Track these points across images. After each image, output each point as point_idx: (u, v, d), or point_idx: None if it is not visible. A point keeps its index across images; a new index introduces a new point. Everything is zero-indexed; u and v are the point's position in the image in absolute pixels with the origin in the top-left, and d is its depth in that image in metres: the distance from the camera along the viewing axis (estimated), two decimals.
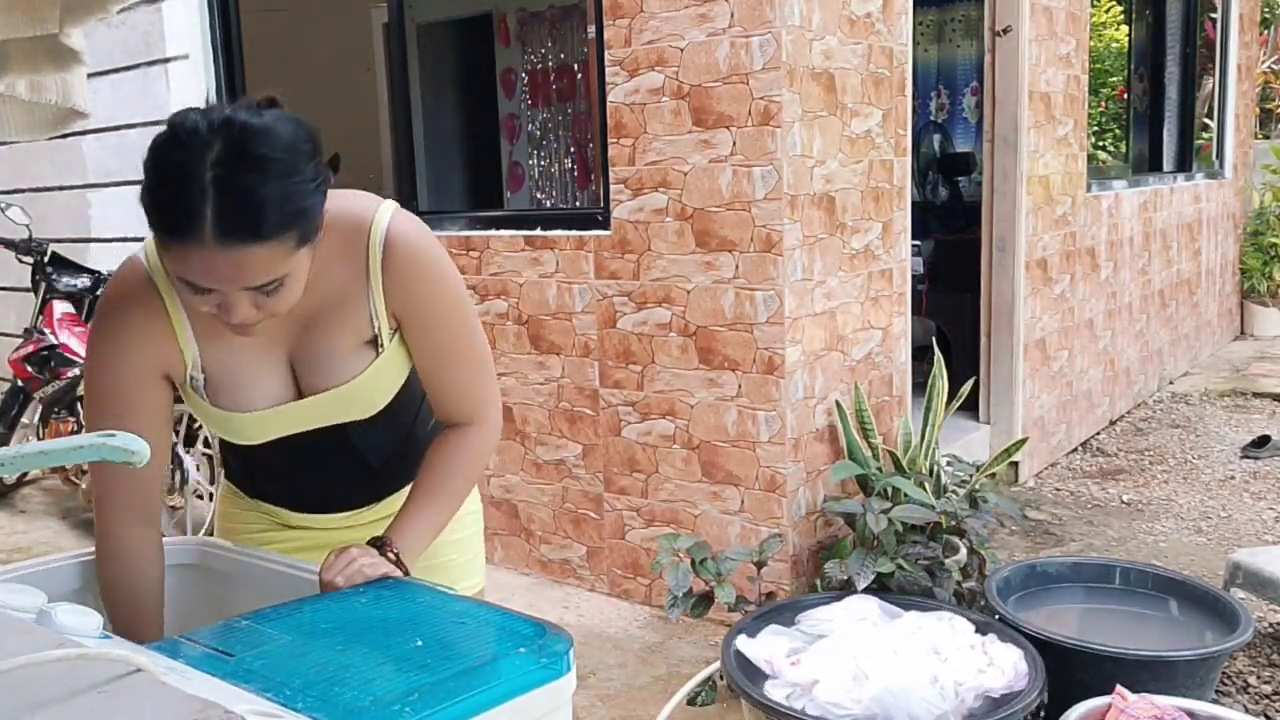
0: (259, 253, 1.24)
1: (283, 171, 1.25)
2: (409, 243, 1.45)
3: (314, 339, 1.46)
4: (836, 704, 2.20)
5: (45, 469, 4.46)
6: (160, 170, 1.26)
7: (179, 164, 1.23)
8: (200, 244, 1.22)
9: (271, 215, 1.24)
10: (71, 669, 0.86)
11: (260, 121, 1.26)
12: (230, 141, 1.23)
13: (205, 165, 1.22)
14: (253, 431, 1.50)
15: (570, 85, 5.87)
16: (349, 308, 1.45)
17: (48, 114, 1.53)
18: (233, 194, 1.22)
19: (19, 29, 1.35)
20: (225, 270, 1.24)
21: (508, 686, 1.10)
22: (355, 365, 1.48)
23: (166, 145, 1.26)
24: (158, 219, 1.25)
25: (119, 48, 4.87)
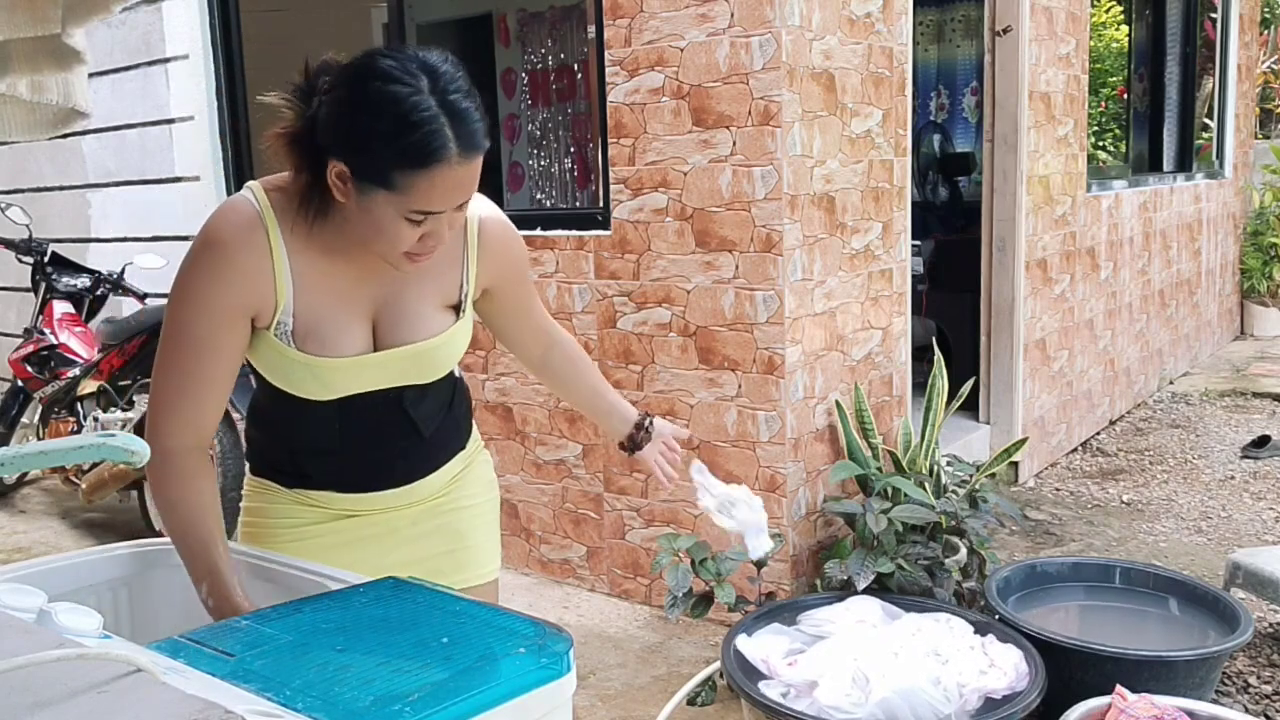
0: (478, 163, 1.40)
1: (470, 86, 1.40)
2: (501, 218, 1.64)
3: (401, 294, 1.54)
4: (837, 707, 2.20)
5: (45, 469, 4.46)
6: (394, 108, 1.33)
7: (410, 97, 1.33)
8: (448, 164, 1.35)
9: (482, 126, 1.39)
10: (71, 669, 0.86)
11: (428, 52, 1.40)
12: (430, 70, 1.36)
13: (426, 95, 1.34)
14: (331, 381, 1.53)
15: (570, 85, 5.87)
16: (442, 271, 1.56)
17: (48, 114, 1.53)
18: (458, 112, 1.36)
19: (21, 29, 1.35)
20: (464, 185, 1.39)
21: (508, 686, 1.10)
22: (434, 325, 1.57)
23: (383, 86, 1.35)
24: (405, 154, 1.34)
25: (119, 47, 4.87)
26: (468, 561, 1.73)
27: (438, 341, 1.57)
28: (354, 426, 1.58)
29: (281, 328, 1.49)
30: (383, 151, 1.34)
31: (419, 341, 1.55)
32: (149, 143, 4.90)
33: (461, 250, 1.58)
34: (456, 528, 1.71)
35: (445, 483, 1.70)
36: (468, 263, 1.59)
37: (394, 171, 1.35)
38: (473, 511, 1.74)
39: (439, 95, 1.35)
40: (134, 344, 4.14)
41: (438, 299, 1.58)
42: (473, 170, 1.39)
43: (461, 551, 1.72)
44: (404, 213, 1.37)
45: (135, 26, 4.79)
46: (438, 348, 1.57)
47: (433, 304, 1.57)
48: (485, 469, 1.81)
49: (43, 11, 1.35)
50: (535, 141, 6.08)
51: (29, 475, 5.13)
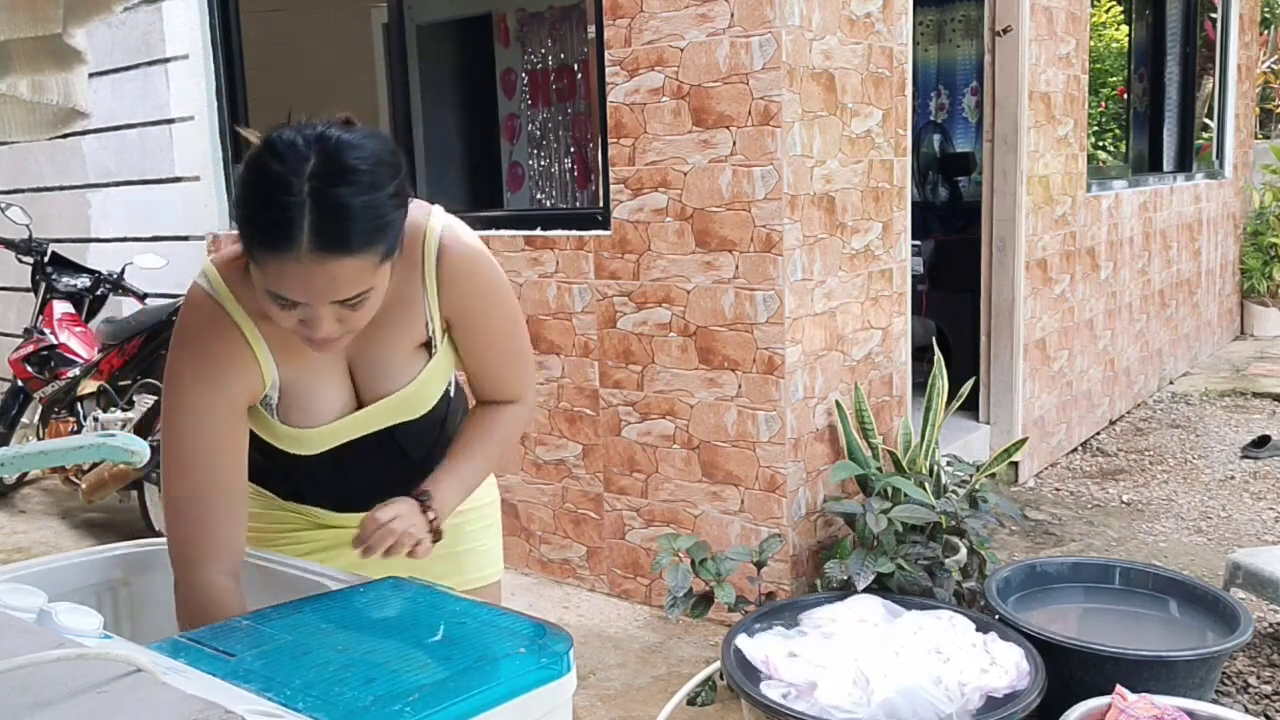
0: (349, 265, 1.28)
1: (372, 185, 1.29)
2: (461, 247, 1.51)
3: (372, 346, 1.50)
4: (837, 706, 2.20)
5: (45, 469, 4.46)
6: (260, 184, 1.28)
7: (278, 177, 1.26)
8: (296, 256, 1.25)
9: (362, 227, 1.28)
10: (71, 669, 0.86)
11: (351, 136, 1.30)
12: (326, 155, 1.27)
13: (303, 178, 1.25)
14: (319, 444, 1.53)
15: (570, 85, 5.87)
16: (405, 313, 1.50)
17: (49, 114, 1.53)
18: (328, 206, 1.25)
19: (21, 29, 1.35)
20: (319, 282, 1.28)
21: (508, 686, 1.10)
22: (411, 369, 1.54)
23: (265, 159, 1.28)
24: (257, 231, 1.28)
25: (119, 48, 4.87)
26: (466, 565, 1.73)
27: (416, 385, 1.55)
28: (347, 461, 1.58)
29: (268, 401, 1.49)
30: (241, 219, 1.30)
31: (398, 390, 1.54)
32: (149, 143, 4.90)
33: (421, 287, 1.50)
34: (453, 532, 1.69)
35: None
36: (428, 296, 1.51)
37: (249, 242, 1.30)
38: (470, 516, 1.74)
39: (316, 181, 1.25)
40: (134, 344, 4.14)
41: (407, 342, 1.53)
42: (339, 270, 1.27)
43: (459, 556, 1.72)
44: (266, 290, 1.31)
45: (135, 26, 4.79)
46: (417, 391, 1.55)
47: (403, 350, 1.53)
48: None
49: (43, 11, 1.34)
50: (535, 141, 6.08)
51: (29, 475, 5.12)
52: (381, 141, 1.34)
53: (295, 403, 1.49)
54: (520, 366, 1.66)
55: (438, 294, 1.50)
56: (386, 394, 1.53)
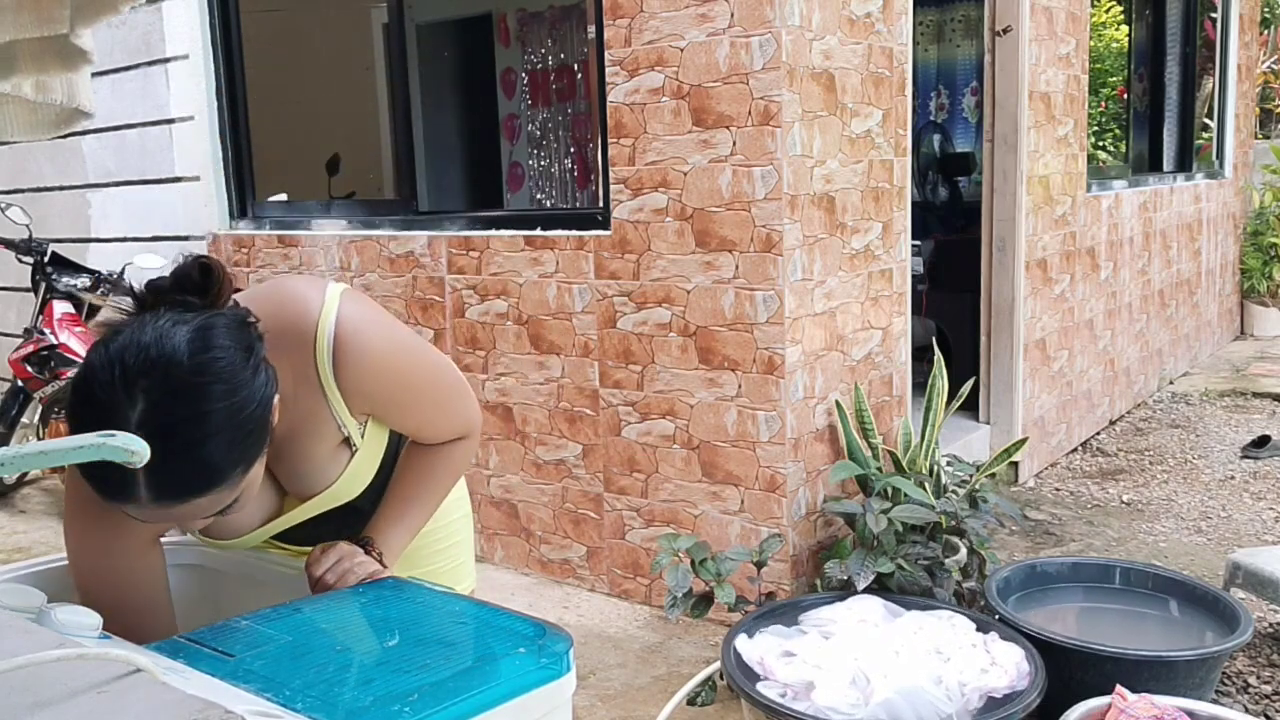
0: (206, 500, 1.18)
1: (225, 418, 1.14)
2: (357, 346, 1.36)
3: (289, 454, 1.42)
4: (834, 707, 2.20)
5: (45, 469, 4.46)
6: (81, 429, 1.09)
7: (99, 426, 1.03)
8: (139, 506, 1.15)
9: (216, 470, 1.15)
10: (71, 669, 0.86)
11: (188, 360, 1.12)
12: (152, 398, 1.09)
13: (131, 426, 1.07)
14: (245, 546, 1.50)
15: (570, 85, 5.87)
16: (315, 421, 1.40)
17: (51, 114, 1.53)
18: (167, 461, 1.08)
19: (27, 29, 1.35)
20: (174, 517, 1.19)
21: (508, 686, 1.10)
22: (334, 469, 1.45)
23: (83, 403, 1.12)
24: (89, 483, 1.14)
25: (119, 48, 4.87)
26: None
27: (341, 482, 1.46)
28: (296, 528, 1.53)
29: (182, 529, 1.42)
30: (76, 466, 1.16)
31: (325, 490, 1.46)
32: (149, 143, 4.90)
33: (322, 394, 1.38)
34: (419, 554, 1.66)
35: None
36: (332, 403, 1.39)
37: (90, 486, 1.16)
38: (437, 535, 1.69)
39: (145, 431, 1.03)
40: None
41: (324, 447, 1.43)
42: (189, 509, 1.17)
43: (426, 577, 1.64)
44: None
45: (135, 26, 4.79)
46: (344, 486, 1.47)
47: (322, 453, 1.43)
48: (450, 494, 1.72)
49: (49, 12, 1.34)
50: (535, 141, 6.08)
51: (29, 475, 5.12)
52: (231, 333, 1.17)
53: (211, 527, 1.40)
54: (453, 417, 1.54)
55: (343, 399, 1.39)
56: (313, 494, 1.46)
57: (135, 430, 1.06)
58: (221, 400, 1.13)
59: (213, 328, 1.16)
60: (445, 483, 1.58)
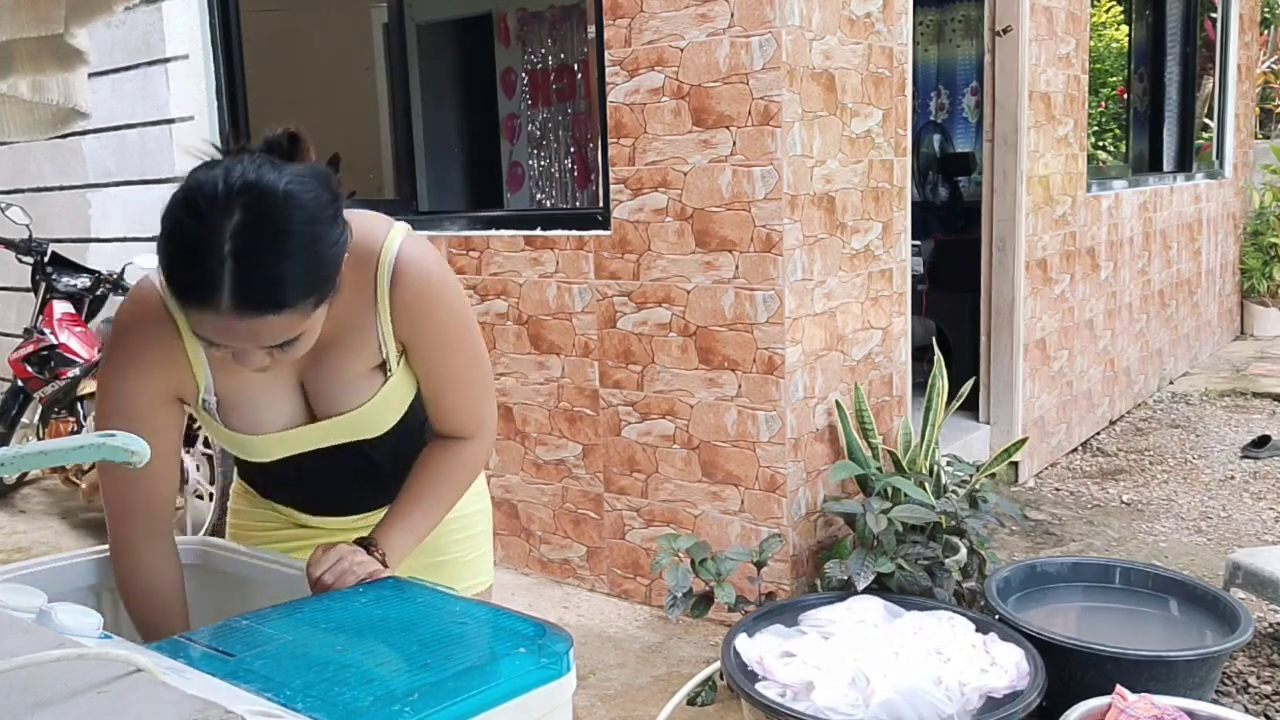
0: (277, 321, 1.24)
1: (305, 243, 1.23)
2: (417, 271, 1.43)
3: (324, 365, 1.45)
4: (834, 708, 2.20)
5: (45, 469, 4.46)
6: (177, 237, 1.22)
7: (197, 234, 1.19)
8: (216, 312, 1.21)
9: (292, 288, 1.23)
10: (71, 669, 0.86)
11: (283, 187, 1.22)
12: (251, 212, 1.20)
13: (224, 235, 1.18)
14: (264, 452, 1.51)
15: (570, 85, 5.87)
16: (358, 335, 1.45)
17: (48, 114, 1.53)
18: (253, 268, 1.19)
19: (23, 29, 1.35)
20: (241, 335, 1.24)
21: (508, 686, 1.10)
22: (365, 391, 1.48)
23: (184, 210, 1.22)
24: (174, 286, 1.24)
25: (119, 48, 4.87)
26: (453, 575, 1.70)
27: (369, 407, 1.49)
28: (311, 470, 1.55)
29: (207, 404, 1.46)
30: (164, 272, 1.25)
31: (350, 410, 1.48)
32: (149, 143, 4.90)
33: (373, 308, 1.44)
34: (437, 542, 1.67)
35: None
36: (381, 320, 1.44)
37: (170, 291, 1.26)
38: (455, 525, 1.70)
39: (238, 240, 1.18)
40: None
41: (360, 364, 1.47)
42: (263, 326, 1.23)
43: (445, 565, 1.69)
44: (192, 330, 1.28)
45: (135, 26, 4.79)
46: (371, 412, 1.50)
47: (356, 371, 1.47)
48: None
49: (45, 11, 1.35)
50: (535, 141, 6.08)
51: (29, 475, 5.12)
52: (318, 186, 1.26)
53: (236, 409, 1.46)
54: (477, 399, 1.56)
55: (391, 318, 1.44)
56: (339, 413, 1.48)
57: (228, 239, 1.18)
58: (306, 227, 1.23)
59: (302, 173, 1.26)
60: (455, 487, 1.58)
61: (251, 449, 1.51)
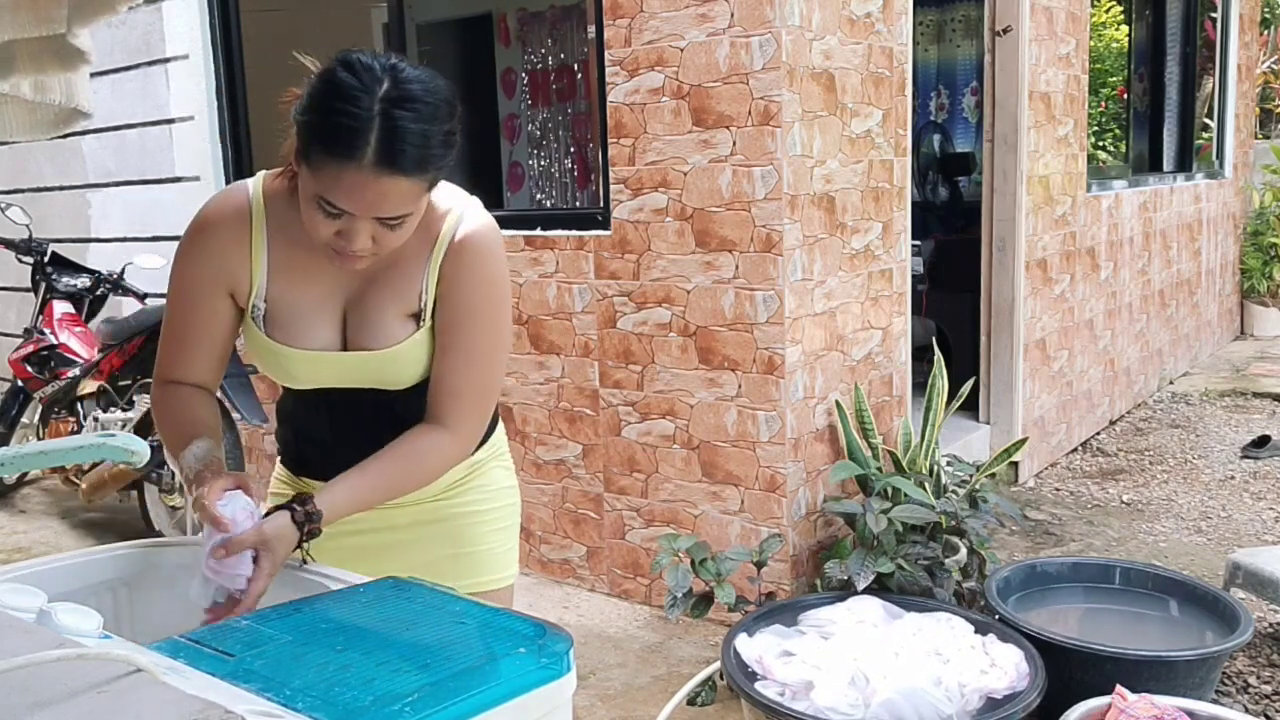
0: (402, 185, 1.36)
1: (435, 117, 1.38)
2: (480, 239, 1.55)
3: (368, 297, 1.55)
4: (833, 708, 2.20)
5: (45, 469, 4.46)
6: (335, 91, 1.35)
7: (353, 89, 1.34)
8: (357, 166, 1.33)
9: (422, 153, 1.36)
10: (71, 669, 0.86)
11: (420, 72, 1.40)
12: (397, 81, 1.36)
13: (375, 96, 1.34)
14: (294, 370, 1.58)
15: (570, 85, 5.87)
16: (406, 278, 1.54)
17: (50, 114, 1.53)
18: (396, 127, 1.34)
19: (25, 29, 1.35)
20: (370, 195, 1.36)
21: (508, 686, 1.10)
22: (397, 333, 1.55)
23: (341, 72, 1.36)
24: (324, 135, 1.35)
25: (119, 48, 4.87)
26: (475, 566, 1.72)
27: (396, 351, 1.55)
28: (343, 420, 1.62)
29: (255, 310, 1.55)
30: (309, 123, 1.37)
31: (379, 349, 1.55)
32: (149, 143, 4.90)
33: (427, 258, 1.54)
34: (462, 533, 1.70)
35: (444, 486, 1.68)
36: (429, 271, 1.55)
37: (311, 146, 1.37)
38: (481, 518, 1.73)
39: (386, 103, 1.34)
40: (134, 344, 4.14)
41: (400, 307, 1.55)
42: (391, 187, 1.36)
43: (467, 556, 1.71)
44: (316, 196, 1.38)
45: (135, 26, 4.79)
46: (396, 358, 1.55)
47: (395, 312, 1.55)
48: (501, 476, 1.79)
49: (47, 12, 1.35)
50: (535, 141, 6.08)
51: (29, 475, 5.12)
52: (447, 85, 1.43)
53: (280, 319, 1.55)
54: (473, 388, 1.57)
55: (439, 270, 1.54)
56: (370, 348, 1.55)
57: (379, 100, 1.34)
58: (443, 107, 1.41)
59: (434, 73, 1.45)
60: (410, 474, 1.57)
61: (284, 364, 1.57)
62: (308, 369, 1.57)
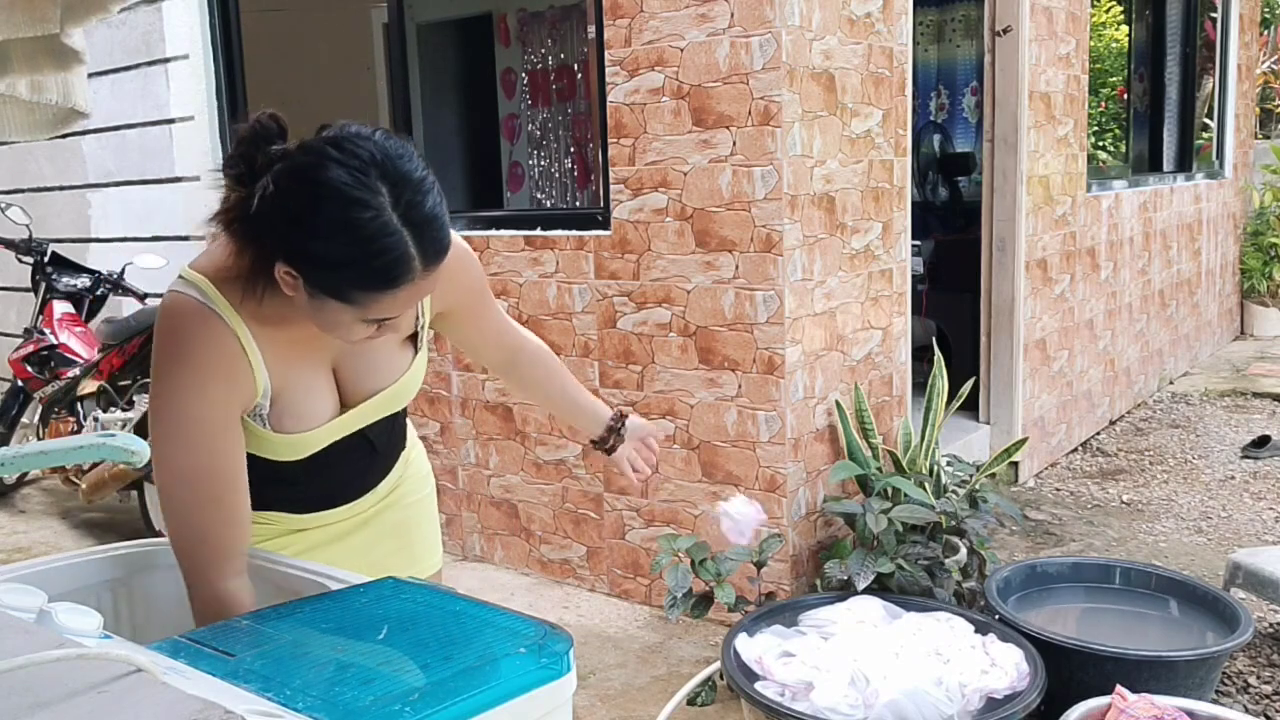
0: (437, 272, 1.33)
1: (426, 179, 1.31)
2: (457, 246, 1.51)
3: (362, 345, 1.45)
4: (833, 707, 2.19)
5: (45, 469, 4.46)
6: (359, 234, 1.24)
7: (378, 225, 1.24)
8: (412, 280, 1.29)
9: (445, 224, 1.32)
10: (71, 669, 0.86)
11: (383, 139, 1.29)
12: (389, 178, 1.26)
13: (388, 206, 1.25)
14: (309, 447, 1.50)
15: (570, 85, 5.87)
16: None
17: (48, 114, 1.53)
18: (424, 225, 1.27)
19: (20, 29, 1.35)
20: (422, 291, 1.33)
21: (508, 686, 1.10)
22: (398, 366, 1.55)
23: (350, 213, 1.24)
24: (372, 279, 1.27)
25: (119, 48, 4.87)
26: (414, 557, 1.74)
27: (405, 378, 1.55)
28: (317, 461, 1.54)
29: (259, 410, 1.44)
30: (340, 273, 1.27)
31: (386, 388, 1.53)
32: (149, 143, 4.90)
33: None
34: (401, 525, 1.72)
35: (390, 486, 1.70)
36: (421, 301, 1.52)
37: (352, 291, 1.28)
38: (418, 507, 1.76)
39: (403, 210, 1.26)
40: (134, 344, 4.14)
41: (396, 338, 1.53)
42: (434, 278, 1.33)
43: (407, 548, 1.73)
44: (361, 319, 1.32)
45: (135, 26, 4.79)
46: (405, 384, 1.56)
47: (391, 344, 1.53)
48: (421, 461, 1.80)
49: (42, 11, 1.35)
50: (535, 141, 6.08)
51: (29, 475, 5.12)
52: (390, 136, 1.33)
53: (287, 409, 1.45)
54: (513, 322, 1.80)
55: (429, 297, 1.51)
56: (373, 392, 1.52)
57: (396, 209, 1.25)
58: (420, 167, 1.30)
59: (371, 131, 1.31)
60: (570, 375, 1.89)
61: (299, 448, 1.49)
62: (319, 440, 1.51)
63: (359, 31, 6.36)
